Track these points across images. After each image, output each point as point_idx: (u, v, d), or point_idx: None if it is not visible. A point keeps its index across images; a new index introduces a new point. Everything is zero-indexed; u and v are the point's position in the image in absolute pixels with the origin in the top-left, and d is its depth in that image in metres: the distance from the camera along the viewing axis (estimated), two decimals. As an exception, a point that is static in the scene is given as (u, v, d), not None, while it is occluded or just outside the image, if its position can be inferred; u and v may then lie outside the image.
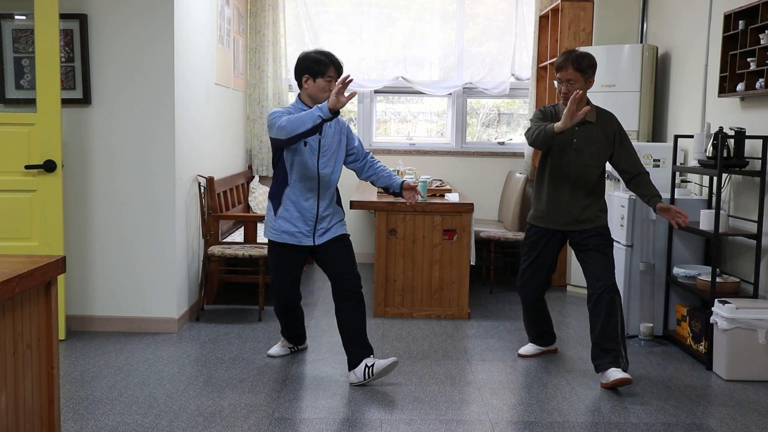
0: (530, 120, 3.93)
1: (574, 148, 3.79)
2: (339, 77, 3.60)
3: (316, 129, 3.41)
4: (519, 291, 4.13)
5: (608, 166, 3.98)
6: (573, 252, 3.99)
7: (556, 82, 3.80)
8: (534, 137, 3.69)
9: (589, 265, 3.82)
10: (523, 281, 4.07)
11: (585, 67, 3.73)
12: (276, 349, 4.17)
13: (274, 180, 3.78)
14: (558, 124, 3.55)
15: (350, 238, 3.88)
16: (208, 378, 3.79)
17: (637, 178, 3.81)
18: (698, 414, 3.44)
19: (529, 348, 4.27)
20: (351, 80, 3.31)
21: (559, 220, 3.88)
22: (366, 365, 3.69)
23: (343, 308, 3.76)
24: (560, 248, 3.99)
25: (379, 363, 3.70)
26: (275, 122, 3.51)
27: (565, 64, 3.74)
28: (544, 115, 3.85)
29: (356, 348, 3.74)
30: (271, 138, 3.62)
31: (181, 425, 3.19)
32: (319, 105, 3.42)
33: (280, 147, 3.66)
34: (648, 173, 3.83)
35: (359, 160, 3.90)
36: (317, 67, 3.68)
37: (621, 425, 3.29)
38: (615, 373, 3.66)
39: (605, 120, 3.84)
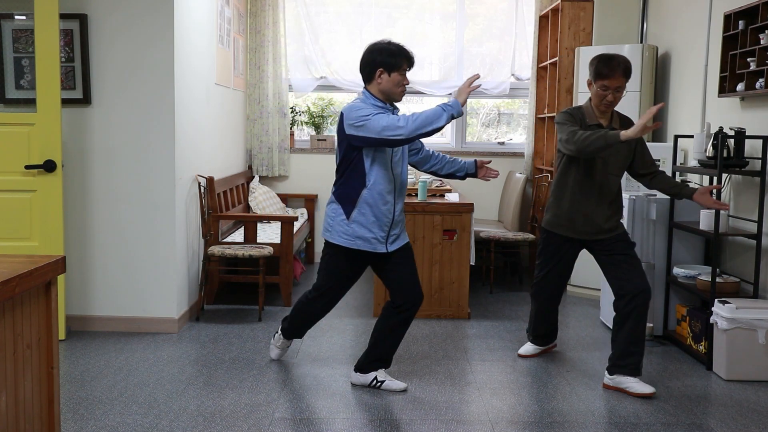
0: (560, 123, 3.67)
1: (602, 157, 3.65)
2: (410, 69, 3.50)
3: (443, 127, 3.31)
4: (535, 297, 4.07)
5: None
6: (594, 258, 3.86)
7: (598, 88, 3.59)
8: (588, 143, 3.44)
9: (619, 270, 3.70)
10: (540, 288, 4.02)
11: (630, 71, 3.60)
12: (278, 352, 4.06)
13: (346, 182, 3.50)
14: (627, 133, 3.35)
15: None
16: (208, 378, 3.79)
17: (657, 176, 3.76)
18: (698, 414, 3.44)
19: (528, 348, 4.26)
20: (478, 77, 3.41)
21: (583, 229, 3.77)
22: (376, 378, 3.67)
23: (395, 322, 3.61)
24: (577, 255, 3.93)
25: (389, 384, 3.65)
26: (368, 122, 3.32)
27: (615, 73, 3.54)
28: (573, 118, 3.67)
29: (378, 360, 3.68)
30: (351, 135, 3.38)
31: (181, 425, 3.19)
32: (449, 103, 3.29)
33: (359, 147, 3.42)
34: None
35: (421, 151, 3.76)
36: (393, 61, 3.44)
37: (621, 425, 3.29)
38: (640, 387, 3.63)
39: (627, 126, 3.69)
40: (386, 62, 3.44)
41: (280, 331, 4.01)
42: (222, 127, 5.79)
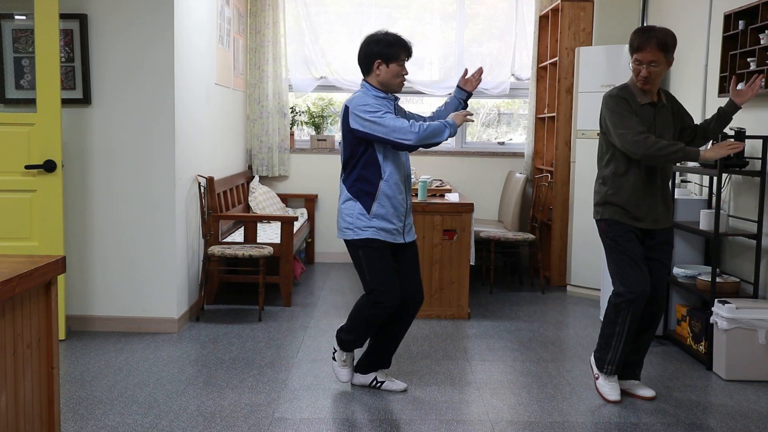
0: (615, 112, 3.37)
1: (658, 135, 3.37)
2: (408, 59, 3.47)
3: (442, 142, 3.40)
4: (635, 299, 3.40)
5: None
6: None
7: (631, 64, 3.37)
8: (664, 155, 3.25)
9: (654, 276, 3.51)
10: (636, 281, 3.40)
11: (669, 45, 3.33)
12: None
13: (361, 176, 3.42)
14: (709, 154, 3.24)
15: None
16: (208, 378, 3.79)
17: (698, 132, 3.57)
18: (698, 414, 3.44)
19: (616, 387, 3.64)
20: (481, 71, 3.64)
21: (649, 217, 3.45)
22: (376, 379, 3.67)
23: (396, 321, 3.57)
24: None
25: (389, 384, 3.65)
26: (377, 120, 3.30)
27: (647, 44, 3.29)
28: (629, 104, 3.38)
29: (379, 361, 3.67)
30: (356, 129, 3.34)
31: (181, 425, 3.19)
32: (448, 121, 3.38)
33: (368, 140, 3.38)
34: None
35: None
36: (390, 51, 3.39)
37: (621, 425, 3.29)
38: (645, 391, 3.63)
39: (671, 101, 3.53)
40: (384, 53, 3.40)
41: (339, 348, 3.67)
42: (222, 127, 5.79)
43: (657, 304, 3.56)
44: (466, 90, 3.73)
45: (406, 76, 3.49)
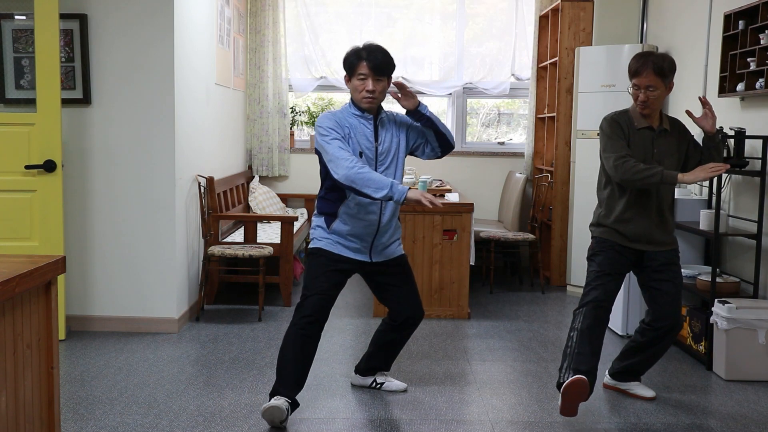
0: (606, 135, 3.38)
1: (656, 160, 3.35)
2: (375, 72, 3.18)
3: (374, 200, 3.09)
4: (600, 316, 3.36)
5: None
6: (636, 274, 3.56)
7: (630, 89, 3.37)
8: (640, 178, 3.22)
9: (660, 297, 3.42)
10: (590, 289, 3.39)
11: (667, 71, 3.30)
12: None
13: (327, 193, 3.30)
14: (688, 177, 3.17)
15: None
16: (208, 378, 3.79)
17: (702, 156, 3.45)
18: (698, 414, 3.44)
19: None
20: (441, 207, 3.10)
21: (642, 238, 3.39)
22: (375, 381, 3.67)
23: (394, 337, 3.53)
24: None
25: (389, 384, 3.65)
26: (323, 144, 3.14)
27: (644, 69, 3.28)
28: (621, 128, 3.37)
29: (377, 367, 3.66)
30: (317, 149, 3.24)
31: (181, 425, 3.19)
32: (399, 187, 3.01)
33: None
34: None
35: (423, 149, 3.42)
36: (348, 64, 3.26)
37: (621, 425, 3.29)
38: (641, 390, 3.63)
39: (677, 128, 3.47)
40: (346, 68, 3.26)
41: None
42: (222, 127, 5.79)
43: (672, 318, 3.41)
44: (410, 110, 3.32)
45: (370, 92, 3.18)
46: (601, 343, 3.39)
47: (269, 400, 3.22)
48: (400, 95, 3.30)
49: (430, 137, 3.36)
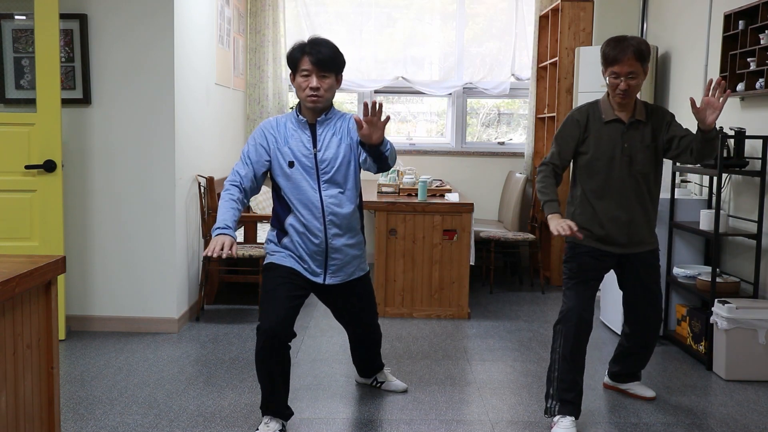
0: (558, 131, 3.27)
1: (626, 155, 3.14)
2: (319, 68, 2.90)
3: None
4: (581, 332, 3.19)
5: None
6: (615, 274, 3.42)
7: (607, 78, 3.13)
8: (537, 189, 3.22)
9: (640, 301, 3.33)
10: (567, 301, 3.24)
11: (645, 53, 3.05)
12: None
13: (274, 206, 3.13)
14: (550, 223, 3.07)
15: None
16: (208, 378, 3.79)
17: (695, 147, 3.09)
18: (698, 414, 3.44)
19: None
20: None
21: (618, 241, 3.22)
22: (376, 380, 3.68)
23: (361, 348, 3.56)
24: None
25: (389, 384, 3.66)
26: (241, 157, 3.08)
27: (624, 55, 3.01)
28: (579, 127, 3.19)
29: (369, 368, 3.67)
30: None
31: (181, 425, 3.19)
32: (216, 231, 2.88)
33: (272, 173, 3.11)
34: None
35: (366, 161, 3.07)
36: (290, 61, 2.98)
37: (621, 425, 3.29)
38: (641, 390, 3.62)
39: (655, 115, 3.20)
40: (289, 64, 2.99)
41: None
42: (222, 127, 5.79)
43: (653, 320, 3.38)
44: (370, 144, 2.86)
45: (313, 90, 2.91)
46: (584, 358, 3.24)
47: (262, 416, 3.10)
48: (364, 122, 2.78)
49: (371, 158, 2.97)
